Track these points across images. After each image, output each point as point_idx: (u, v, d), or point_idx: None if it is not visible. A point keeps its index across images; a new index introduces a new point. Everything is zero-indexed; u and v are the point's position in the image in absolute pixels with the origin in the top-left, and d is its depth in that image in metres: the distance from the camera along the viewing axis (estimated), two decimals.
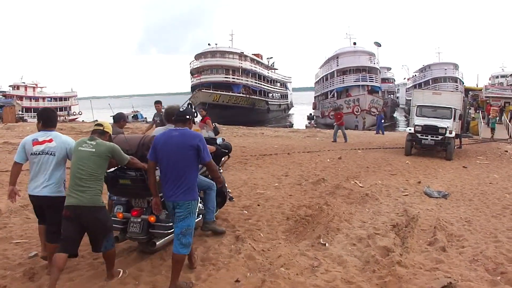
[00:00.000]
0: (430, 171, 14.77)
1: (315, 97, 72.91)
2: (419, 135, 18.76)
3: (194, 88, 63.95)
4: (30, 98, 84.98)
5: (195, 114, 5.80)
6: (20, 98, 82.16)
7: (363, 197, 10.05)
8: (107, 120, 6.75)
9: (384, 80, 73.25)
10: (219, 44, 68.80)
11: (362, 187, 11.54)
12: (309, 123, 59.19)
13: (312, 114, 70.58)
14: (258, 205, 9.29)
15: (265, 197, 10.03)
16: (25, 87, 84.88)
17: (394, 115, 77.56)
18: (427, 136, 18.58)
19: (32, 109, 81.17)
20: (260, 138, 25.93)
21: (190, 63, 68.56)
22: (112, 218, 5.91)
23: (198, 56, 67.69)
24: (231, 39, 73.45)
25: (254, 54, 73.88)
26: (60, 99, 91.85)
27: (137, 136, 6.48)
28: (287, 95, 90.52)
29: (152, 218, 5.78)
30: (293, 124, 60.72)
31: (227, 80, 64.34)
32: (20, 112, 72.38)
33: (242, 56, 67.87)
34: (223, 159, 8.16)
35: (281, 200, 9.81)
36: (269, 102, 73.80)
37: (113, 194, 6.32)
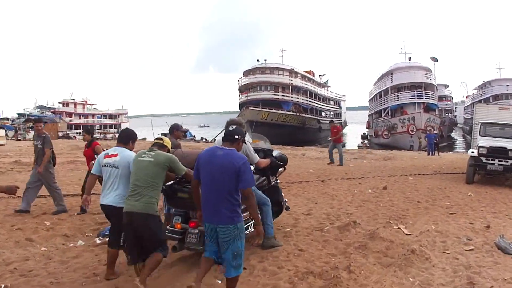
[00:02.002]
0: (500, 208, 11.31)
1: (369, 115, 69.42)
2: (483, 158, 15.23)
3: (242, 105, 61.97)
4: (79, 115, 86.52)
5: (245, 134, 5.59)
6: (69, 114, 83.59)
7: (407, 256, 6.82)
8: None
9: (441, 98, 68.76)
10: (269, 60, 66.58)
11: (408, 235, 8.33)
12: (361, 142, 55.74)
13: (366, 134, 67.30)
14: (245, 268, 6.32)
15: (263, 253, 7.05)
16: (75, 104, 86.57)
17: (452, 134, 72.91)
18: (494, 160, 15.04)
19: (81, 126, 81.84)
20: (298, 160, 22.86)
21: (239, 80, 66.84)
22: (171, 228, 6.36)
23: (246, 73, 65.80)
24: (282, 55, 71.20)
25: (306, 71, 71.36)
26: (110, 116, 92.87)
27: (195, 152, 6.70)
28: (340, 113, 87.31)
29: None
30: (345, 143, 57.26)
31: (276, 98, 62.11)
32: (65, 130, 72.40)
33: (292, 72, 65.47)
34: (280, 169, 8.28)
35: (283, 259, 6.81)
36: (321, 121, 70.69)
37: (171, 206, 6.60)
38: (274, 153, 8.07)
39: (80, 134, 77.39)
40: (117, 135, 77.69)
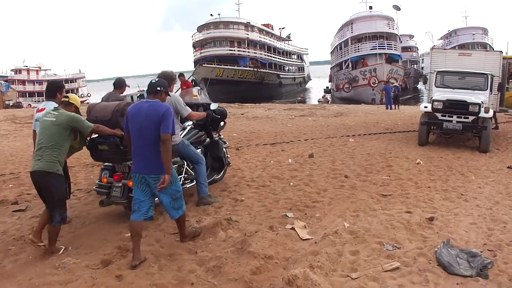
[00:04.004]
0: (454, 181, 8.44)
1: (331, 68, 66.34)
2: (439, 115, 12.26)
3: (196, 63, 58.38)
4: (33, 82, 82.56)
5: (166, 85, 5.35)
6: (23, 82, 79.38)
7: None
8: None
9: (406, 49, 65.76)
10: (223, 14, 62.78)
11: (305, 240, 5.43)
12: (322, 97, 52.74)
13: (329, 88, 64.53)
14: None
15: None
16: (28, 70, 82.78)
17: (418, 86, 70.39)
18: (452, 116, 12.09)
19: (36, 93, 77.30)
20: (232, 120, 19.62)
21: (192, 36, 62.87)
22: (98, 182, 6.42)
23: (200, 28, 62.06)
24: (238, 9, 67.20)
25: (264, 25, 67.86)
26: (66, 81, 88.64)
27: (115, 103, 6.31)
28: (303, 67, 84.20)
29: (130, 183, 5.59)
30: (305, 99, 54.32)
31: (231, 53, 58.79)
32: (15, 99, 67.99)
33: (248, 26, 61.89)
34: (221, 124, 8.13)
35: None
36: (281, 76, 67.61)
37: (94, 160, 6.72)
38: (212, 107, 7.84)
39: (35, 101, 73.35)
40: None
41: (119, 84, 8.41)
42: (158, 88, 5.10)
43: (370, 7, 55.15)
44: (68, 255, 5.20)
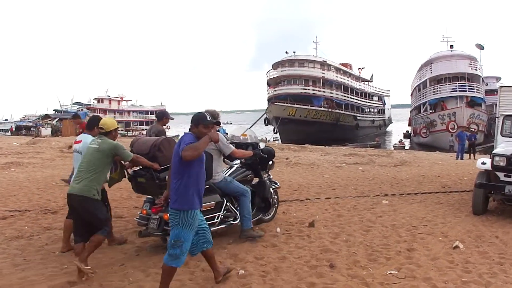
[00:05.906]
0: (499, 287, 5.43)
1: (410, 111, 62.65)
2: (501, 175, 9.15)
3: (269, 101, 56.88)
4: (114, 111, 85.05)
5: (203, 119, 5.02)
6: (104, 111, 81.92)
7: None
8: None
9: (491, 92, 60.99)
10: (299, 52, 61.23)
11: None
12: (399, 141, 49.30)
13: (409, 132, 60.95)
14: None
15: None
16: (109, 100, 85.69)
17: None
18: None
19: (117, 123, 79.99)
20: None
21: (267, 73, 61.65)
22: (139, 214, 6.54)
23: (275, 66, 60.89)
24: (315, 47, 65.61)
25: (342, 64, 65.67)
26: (147, 112, 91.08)
27: (154, 139, 6.55)
28: (383, 110, 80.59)
29: (166, 216, 5.65)
30: (380, 143, 50.88)
31: (305, 92, 56.80)
32: None
33: (324, 65, 59.98)
34: (269, 163, 8.05)
35: None
36: (358, 117, 64.66)
37: (135, 191, 6.80)
38: (261, 146, 7.97)
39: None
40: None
41: (160, 116, 8.66)
42: (192, 124, 4.92)
43: (451, 46, 51.71)
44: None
